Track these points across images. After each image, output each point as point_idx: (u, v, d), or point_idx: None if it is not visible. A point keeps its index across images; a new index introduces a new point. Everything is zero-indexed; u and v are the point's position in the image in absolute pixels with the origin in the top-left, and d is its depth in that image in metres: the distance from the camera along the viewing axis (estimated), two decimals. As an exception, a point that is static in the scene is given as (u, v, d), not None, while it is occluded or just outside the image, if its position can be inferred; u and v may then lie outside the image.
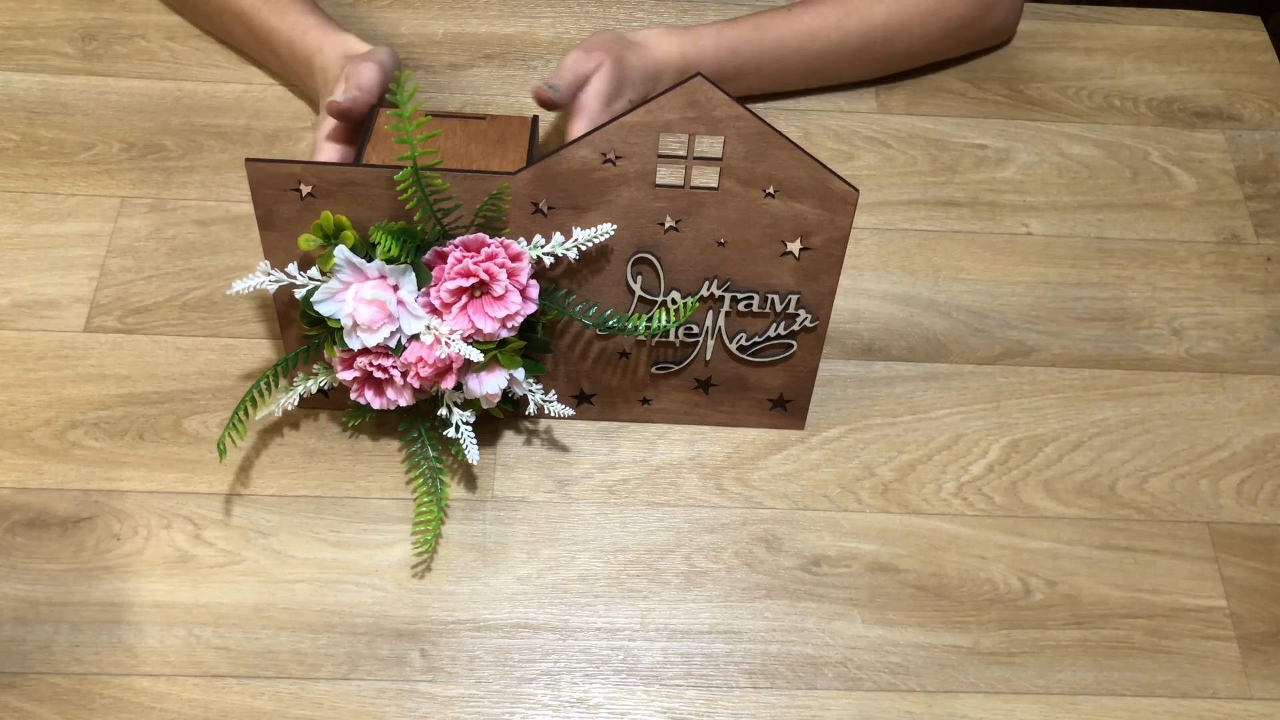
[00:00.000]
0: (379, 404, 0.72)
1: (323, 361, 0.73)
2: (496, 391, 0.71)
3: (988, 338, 0.85)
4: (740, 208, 0.69)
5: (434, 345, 0.68)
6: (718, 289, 0.72)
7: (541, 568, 0.73)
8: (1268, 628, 0.73)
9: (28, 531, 0.73)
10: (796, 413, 0.78)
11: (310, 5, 0.89)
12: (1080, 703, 0.70)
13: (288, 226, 0.69)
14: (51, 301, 0.82)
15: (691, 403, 0.78)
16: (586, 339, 0.75)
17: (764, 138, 0.67)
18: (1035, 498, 0.77)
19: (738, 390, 0.77)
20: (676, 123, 0.66)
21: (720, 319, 0.74)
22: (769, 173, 0.68)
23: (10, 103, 0.92)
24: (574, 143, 0.67)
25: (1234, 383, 0.83)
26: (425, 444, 0.74)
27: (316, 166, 0.67)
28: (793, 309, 0.73)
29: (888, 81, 0.98)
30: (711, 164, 0.68)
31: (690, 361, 0.76)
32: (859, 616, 0.73)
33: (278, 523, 0.74)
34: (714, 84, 0.65)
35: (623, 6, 1.02)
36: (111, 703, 0.67)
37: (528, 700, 0.69)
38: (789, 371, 0.76)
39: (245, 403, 0.72)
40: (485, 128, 0.78)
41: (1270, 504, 0.78)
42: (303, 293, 0.69)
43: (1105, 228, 0.91)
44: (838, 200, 0.69)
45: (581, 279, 0.72)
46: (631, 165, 0.68)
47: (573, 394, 0.78)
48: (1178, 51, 1.02)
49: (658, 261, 0.71)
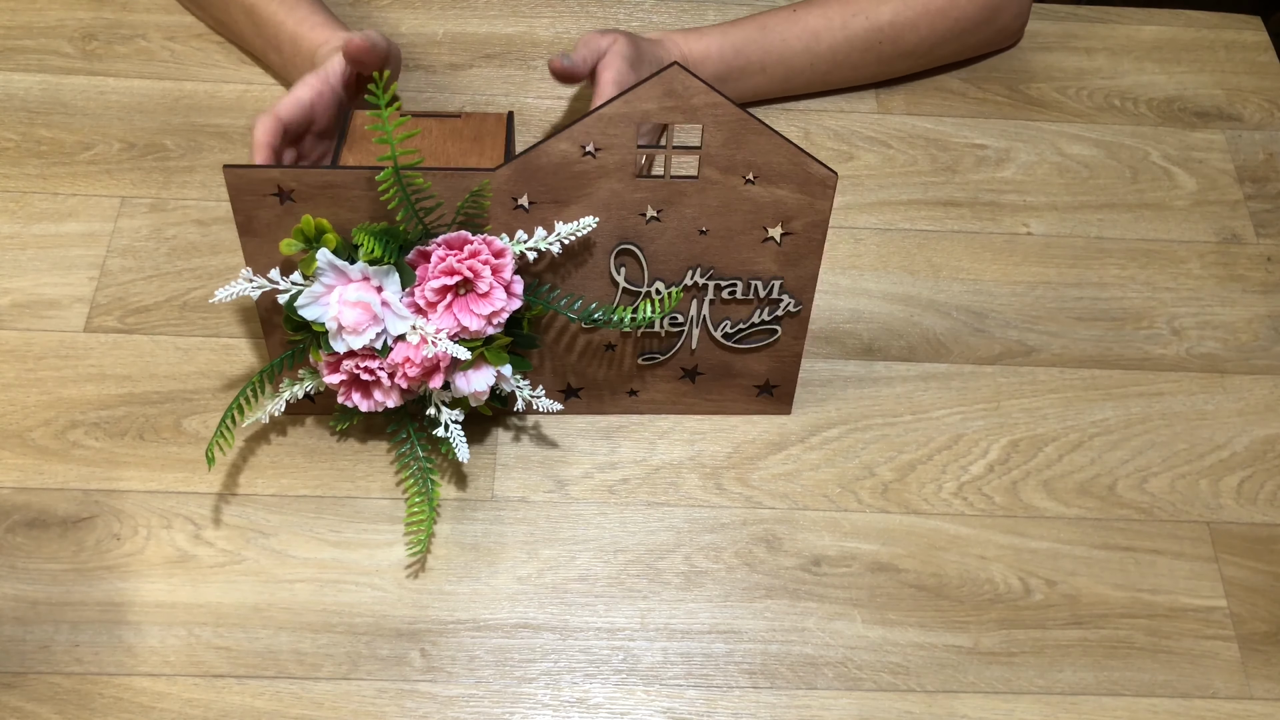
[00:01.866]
0: (366, 406, 0.72)
1: (308, 366, 0.73)
2: (484, 389, 0.71)
3: (988, 338, 0.85)
4: (721, 195, 0.69)
5: (421, 345, 0.68)
6: (701, 277, 0.72)
7: (541, 568, 0.73)
8: (1268, 628, 0.73)
9: (28, 531, 0.73)
10: (783, 398, 0.79)
11: (319, 4, 0.89)
12: (1080, 703, 0.70)
13: (268, 232, 0.69)
14: (51, 301, 0.82)
15: (679, 392, 0.78)
16: (572, 333, 0.75)
17: (742, 124, 0.67)
18: (1035, 498, 0.77)
19: (724, 378, 0.77)
20: (654, 112, 0.66)
21: (704, 307, 0.74)
22: (748, 159, 0.68)
23: (10, 103, 0.92)
24: (553, 136, 0.67)
25: (1234, 383, 0.83)
26: (414, 444, 0.74)
27: (295, 170, 0.67)
28: (776, 294, 0.73)
29: (889, 82, 0.98)
30: (691, 153, 0.68)
31: (676, 351, 0.76)
32: (859, 616, 0.73)
33: (278, 523, 0.74)
34: (690, 72, 0.65)
35: (623, 6, 1.02)
36: (111, 703, 0.67)
37: (528, 700, 0.69)
38: (774, 357, 0.76)
39: (232, 410, 0.72)
40: (461, 125, 0.78)
41: (1270, 504, 0.78)
42: (286, 298, 0.69)
43: (1105, 228, 0.91)
44: (817, 184, 0.69)
45: (565, 273, 0.72)
46: (611, 157, 0.68)
47: (560, 389, 0.78)
48: (1178, 51, 1.02)
49: (641, 252, 0.71)
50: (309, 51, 0.86)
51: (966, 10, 0.93)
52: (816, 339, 0.83)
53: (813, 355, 0.83)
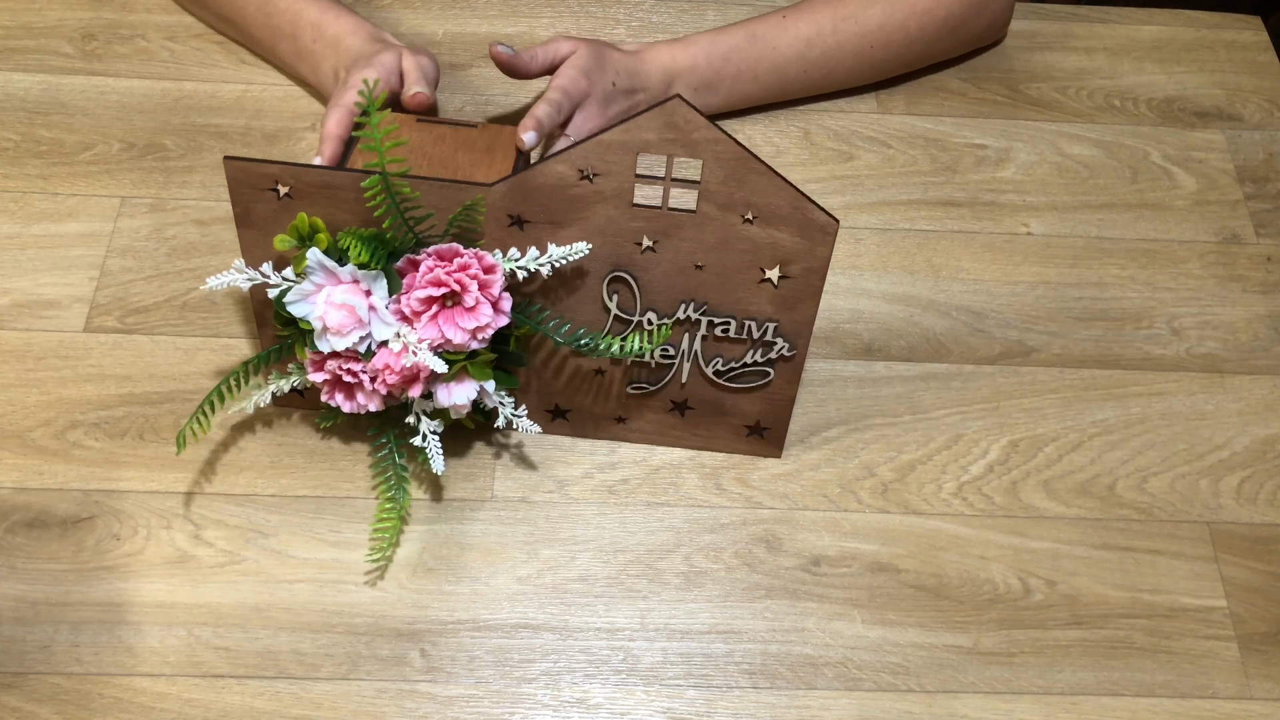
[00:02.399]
0: (349, 408, 0.71)
1: (296, 361, 0.73)
2: (465, 403, 0.70)
3: (988, 338, 0.85)
4: (718, 232, 0.68)
5: (401, 353, 0.68)
6: (694, 312, 0.71)
7: (541, 568, 0.73)
8: (1268, 628, 0.73)
9: (28, 531, 0.73)
10: (774, 440, 0.77)
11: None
12: (1080, 703, 0.70)
13: (265, 225, 0.69)
14: (51, 301, 0.82)
15: (667, 424, 0.77)
16: (561, 355, 0.74)
17: (743, 163, 0.66)
18: (1035, 498, 0.77)
19: (714, 415, 0.76)
20: (654, 143, 0.66)
21: (697, 342, 0.73)
22: (747, 198, 0.67)
23: (10, 103, 0.92)
24: (551, 157, 0.67)
25: (1234, 383, 0.83)
26: (393, 451, 0.74)
27: (294, 168, 0.67)
28: (770, 336, 0.72)
29: (888, 82, 0.98)
30: (689, 186, 0.68)
31: (666, 383, 0.75)
32: (859, 616, 0.73)
33: (278, 523, 0.74)
34: (692, 106, 0.64)
35: (623, 6, 1.02)
36: (111, 703, 0.67)
37: (528, 700, 0.69)
38: (766, 399, 0.75)
39: (211, 398, 0.72)
40: (475, 136, 0.78)
41: (1270, 504, 0.78)
42: (276, 293, 0.69)
43: (1105, 228, 0.91)
44: (817, 230, 0.68)
45: (557, 295, 0.72)
46: (609, 183, 0.67)
47: (546, 409, 0.77)
48: (1178, 51, 1.02)
49: (634, 281, 0.71)
50: (333, 38, 0.86)
51: (953, 8, 0.93)
52: (816, 339, 0.83)
53: (813, 355, 0.83)
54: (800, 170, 0.92)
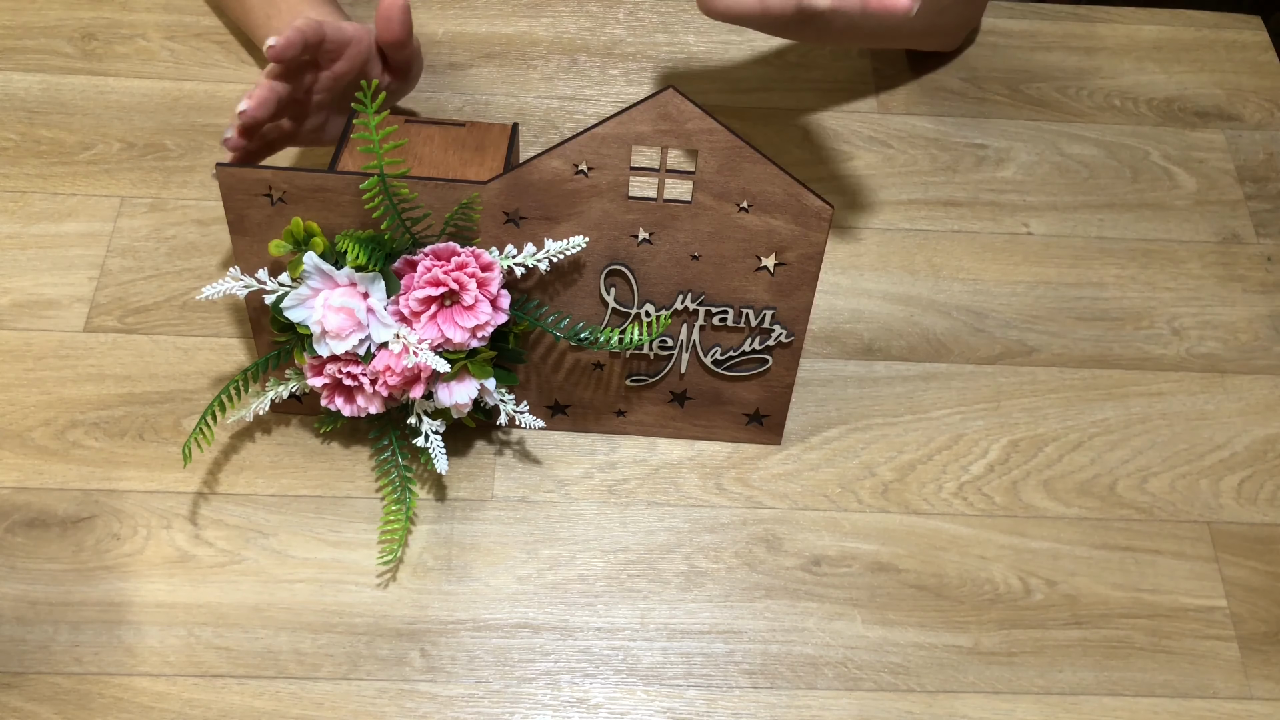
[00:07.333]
0: (349, 411, 0.71)
1: (294, 367, 0.73)
2: (467, 401, 0.70)
3: (988, 338, 0.85)
4: (714, 222, 0.68)
5: (402, 354, 0.68)
6: (692, 302, 0.72)
7: (541, 568, 0.73)
8: (1268, 628, 0.73)
9: (28, 531, 0.73)
10: (773, 428, 0.78)
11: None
12: (1080, 703, 0.70)
13: (259, 232, 0.69)
14: (51, 301, 0.82)
15: (667, 416, 0.77)
16: (560, 350, 0.74)
17: (737, 152, 0.66)
18: (1035, 498, 0.77)
19: (713, 404, 0.77)
20: (648, 135, 0.66)
21: (695, 332, 0.73)
22: (742, 187, 0.67)
23: (10, 103, 0.92)
24: (545, 153, 0.67)
25: (1234, 383, 0.83)
26: (396, 452, 0.74)
27: (287, 172, 0.67)
28: (767, 324, 0.72)
29: (888, 82, 0.98)
30: (684, 177, 0.68)
31: (665, 375, 0.75)
32: (859, 616, 0.73)
33: (278, 523, 0.74)
34: (686, 96, 0.64)
35: (622, 6, 1.02)
36: (111, 703, 0.67)
37: (528, 700, 0.69)
38: (765, 387, 0.75)
39: (213, 407, 0.72)
40: (464, 135, 0.78)
41: (1270, 504, 0.78)
42: (272, 298, 0.69)
43: (1105, 228, 0.91)
44: (812, 216, 0.68)
45: (554, 290, 0.72)
46: (604, 177, 0.67)
47: (546, 405, 0.77)
48: (1178, 51, 1.02)
49: (631, 274, 0.71)
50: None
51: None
52: (817, 339, 0.83)
53: (813, 355, 0.83)
54: (800, 170, 0.92)
